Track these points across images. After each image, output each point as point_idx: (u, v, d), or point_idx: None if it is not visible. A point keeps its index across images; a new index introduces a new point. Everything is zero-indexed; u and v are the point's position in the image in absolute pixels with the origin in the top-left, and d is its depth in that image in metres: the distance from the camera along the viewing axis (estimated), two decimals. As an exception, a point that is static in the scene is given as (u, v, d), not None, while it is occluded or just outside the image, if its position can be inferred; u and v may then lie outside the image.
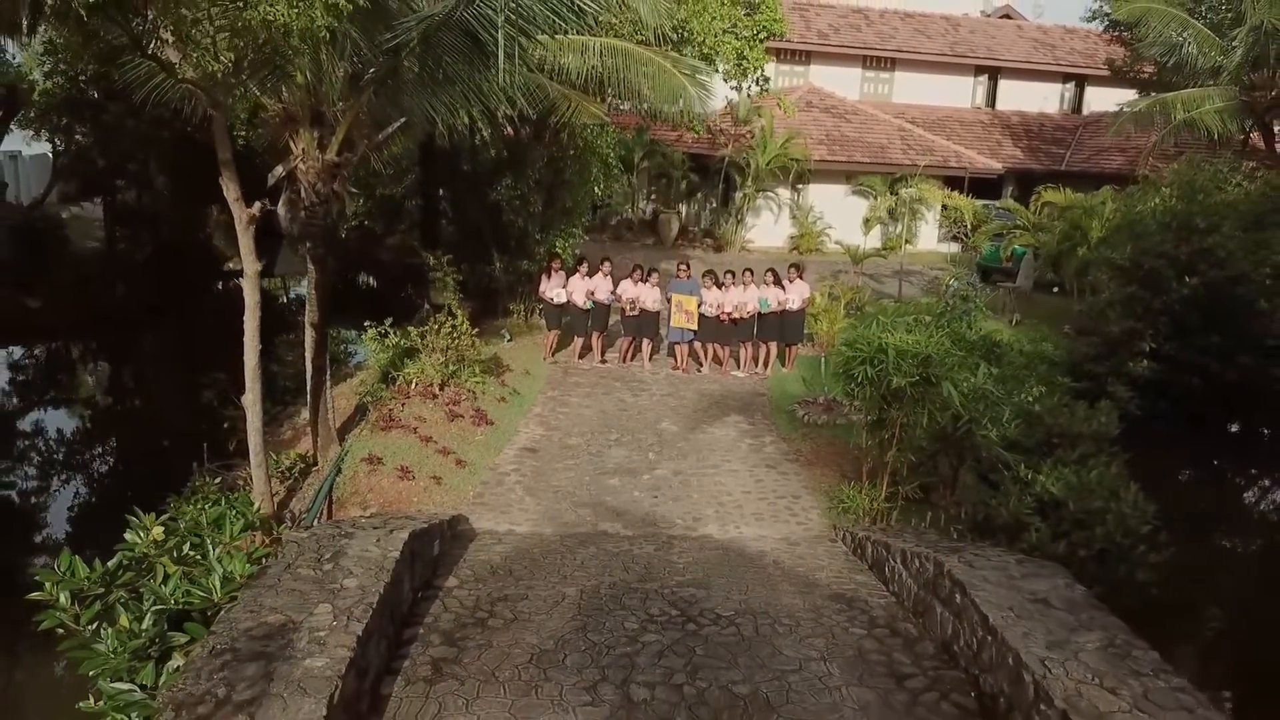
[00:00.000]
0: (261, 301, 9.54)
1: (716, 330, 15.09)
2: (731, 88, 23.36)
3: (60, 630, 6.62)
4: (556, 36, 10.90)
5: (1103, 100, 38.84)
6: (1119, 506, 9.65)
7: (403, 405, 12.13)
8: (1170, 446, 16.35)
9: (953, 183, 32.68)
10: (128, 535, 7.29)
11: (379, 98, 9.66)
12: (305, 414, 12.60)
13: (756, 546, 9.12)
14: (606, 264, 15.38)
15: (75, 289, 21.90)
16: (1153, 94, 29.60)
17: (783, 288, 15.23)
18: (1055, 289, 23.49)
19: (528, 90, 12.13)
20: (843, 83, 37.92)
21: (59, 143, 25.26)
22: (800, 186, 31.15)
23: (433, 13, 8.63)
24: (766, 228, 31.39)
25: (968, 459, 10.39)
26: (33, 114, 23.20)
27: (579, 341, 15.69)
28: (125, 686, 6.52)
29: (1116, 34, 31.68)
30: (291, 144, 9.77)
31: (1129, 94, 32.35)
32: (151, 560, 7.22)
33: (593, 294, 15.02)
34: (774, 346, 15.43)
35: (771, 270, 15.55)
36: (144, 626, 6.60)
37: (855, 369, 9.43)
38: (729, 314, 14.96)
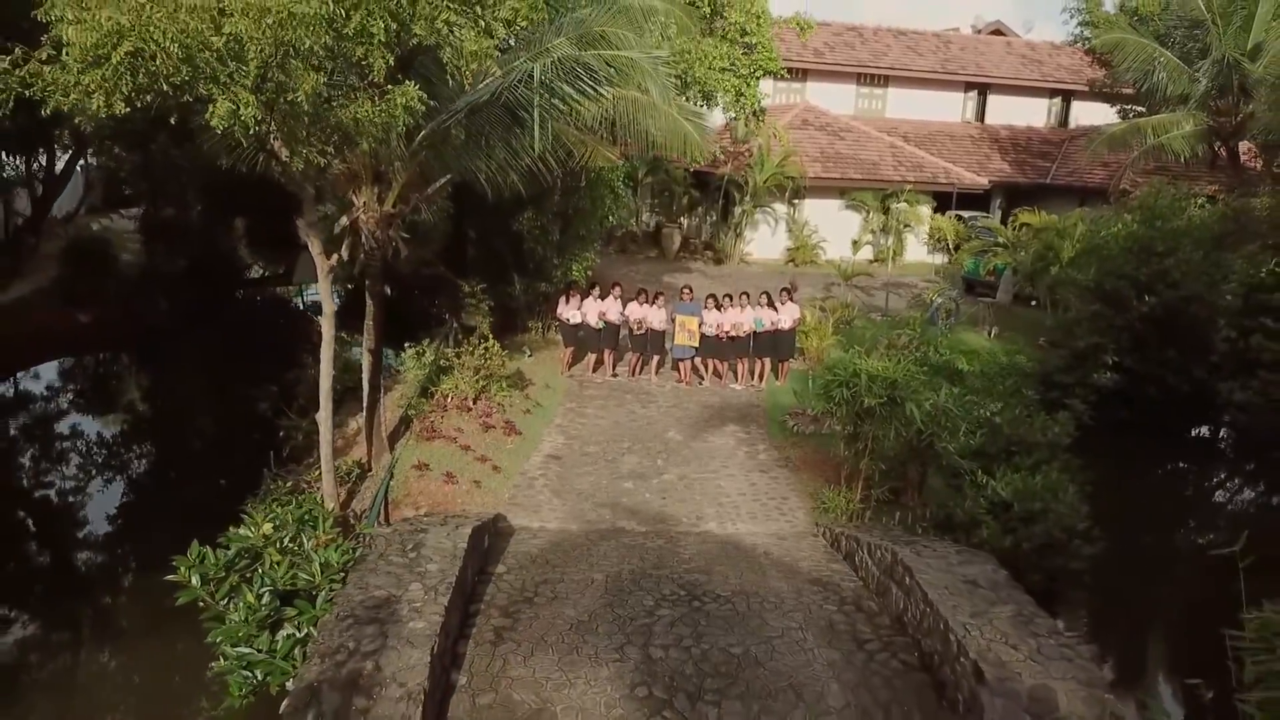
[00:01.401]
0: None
1: (716, 347, 16.82)
2: (730, 117, 25.01)
3: (201, 604, 8.37)
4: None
5: (1089, 114, 40.61)
6: (1058, 507, 11.39)
7: (442, 417, 13.87)
8: (1134, 451, 18.09)
9: (941, 197, 34.50)
10: (242, 530, 9.02)
11: (430, 159, 11.38)
12: (353, 423, 14.36)
13: (750, 541, 10.86)
14: (617, 288, 17.11)
15: (121, 303, 23.62)
16: (1130, 111, 31.40)
17: (775, 309, 16.95)
18: (1033, 302, 25.19)
19: (551, 139, 13.84)
20: (838, 98, 39.62)
21: (98, 163, 26.96)
22: (796, 201, 32.82)
23: (477, 96, 10.34)
24: (764, 241, 33.09)
25: (932, 466, 12.10)
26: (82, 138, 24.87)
27: (592, 357, 17.41)
28: (247, 650, 8.27)
29: (1097, 57, 33.40)
30: (354, 197, 11.49)
31: (1112, 109, 34.13)
32: (261, 550, 8.95)
33: (605, 315, 16.75)
34: (768, 362, 17.15)
35: (765, 293, 17.25)
36: (262, 603, 8.34)
37: (834, 390, 11.16)
38: (727, 332, 16.69)
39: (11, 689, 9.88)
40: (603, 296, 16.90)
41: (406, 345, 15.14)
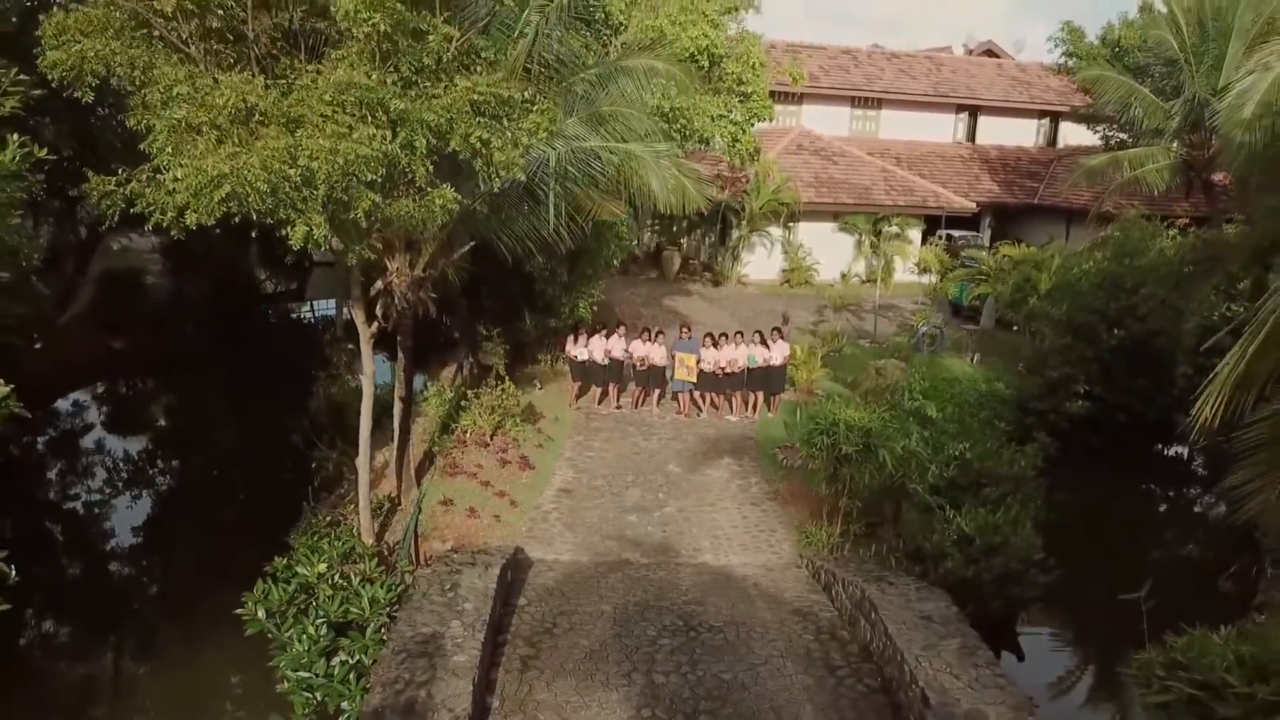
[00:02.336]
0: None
1: (713, 381, 18.21)
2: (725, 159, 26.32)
3: (269, 635, 9.78)
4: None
5: (1076, 134, 41.92)
6: (1016, 540, 12.80)
7: (463, 453, 15.27)
8: (1103, 476, 19.50)
9: (933, 218, 35.91)
10: (299, 568, 10.42)
11: (457, 229, 12.76)
12: (379, 455, 15.72)
13: (741, 572, 12.25)
14: (621, 327, 18.52)
15: (151, 328, 25.02)
16: (1113, 137, 32.65)
17: (767, 346, 18.33)
18: (1014, 327, 26.55)
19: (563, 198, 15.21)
20: (833, 120, 41.01)
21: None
22: (791, 224, 34.18)
23: (502, 183, 11.71)
24: (760, 262, 34.44)
25: (905, 502, 13.49)
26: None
27: (597, 389, 18.79)
28: (307, 675, 9.66)
29: (1081, 85, 34.72)
30: (388, 263, 12.87)
31: (1095, 135, 35.42)
32: (315, 586, 10.35)
33: (610, 352, 18.14)
34: (760, 395, 18.54)
35: (759, 332, 18.63)
36: (320, 634, 9.74)
37: (815, 438, 12.54)
38: (723, 368, 18.08)
39: (98, 704, 11.30)
40: (609, 335, 18.29)
41: (428, 383, 16.52)
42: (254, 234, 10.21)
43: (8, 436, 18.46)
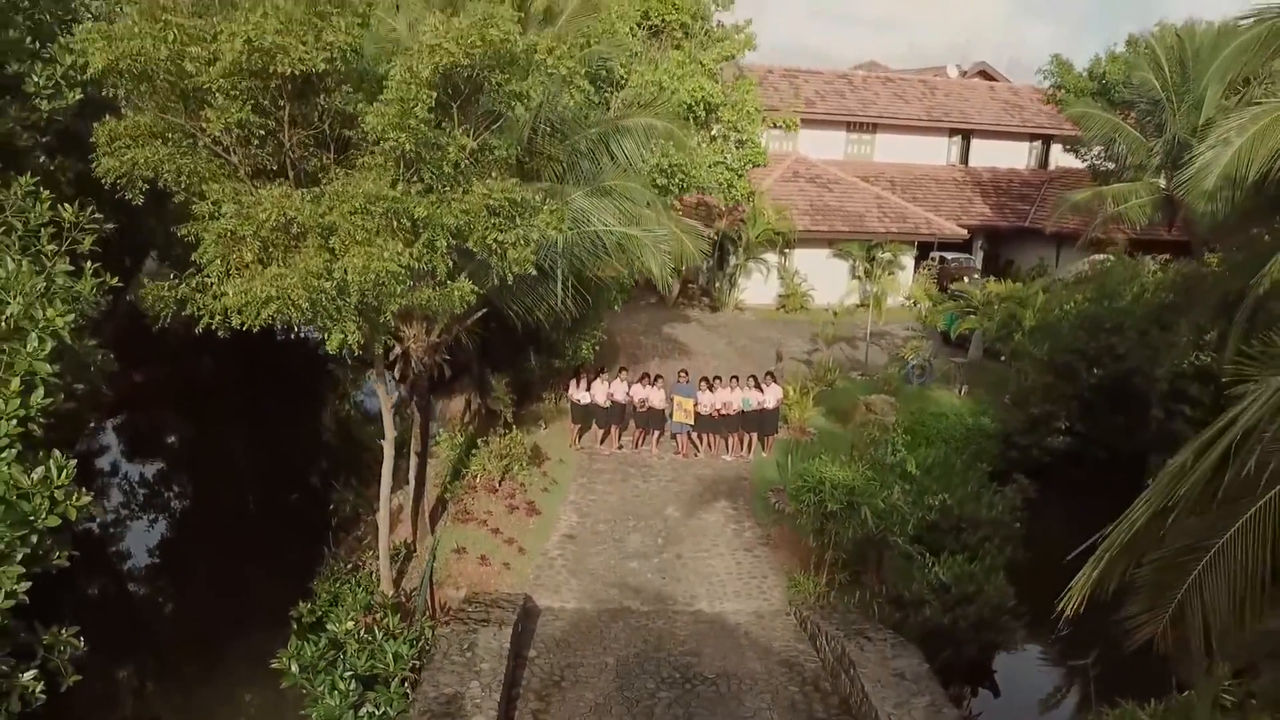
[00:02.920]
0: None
1: (709, 423, 19.16)
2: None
3: (303, 689, 10.76)
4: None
5: (1067, 156, 42.82)
6: (989, 588, 13.79)
7: (473, 499, 16.23)
8: (1082, 512, 20.38)
9: (925, 244, 36.92)
10: (329, 625, 11.40)
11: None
12: (395, 498, 16.68)
13: (734, 619, 13.23)
14: (623, 372, 19.49)
15: (170, 362, 25.95)
16: (1095, 162, 33.48)
17: (761, 390, 19.29)
18: (1001, 358, 27.51)
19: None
20: (828, 145, 41.96)
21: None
22: (787, 250, 35.15)
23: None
24: (757, 288, 35.41)
25: (886, 552, 14.46)
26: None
27: (599, 430, 19.74)
28: (337, 725, 10.63)
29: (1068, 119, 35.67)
30: (405, 330, 13.83)
31: (1083, 163, 36.32)
32: (343, 642, 11.32)
33: (612, 395, 19.10)
34: (754, 436, 19.49)
35: (753, 376, 19.61)
36: (349, 688, 10.72)
37: (803, 495, 13.51)
38: (719, 410, 19.03)
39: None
40: (610, 378, 19.25)
41: (440, 431, 17.49)
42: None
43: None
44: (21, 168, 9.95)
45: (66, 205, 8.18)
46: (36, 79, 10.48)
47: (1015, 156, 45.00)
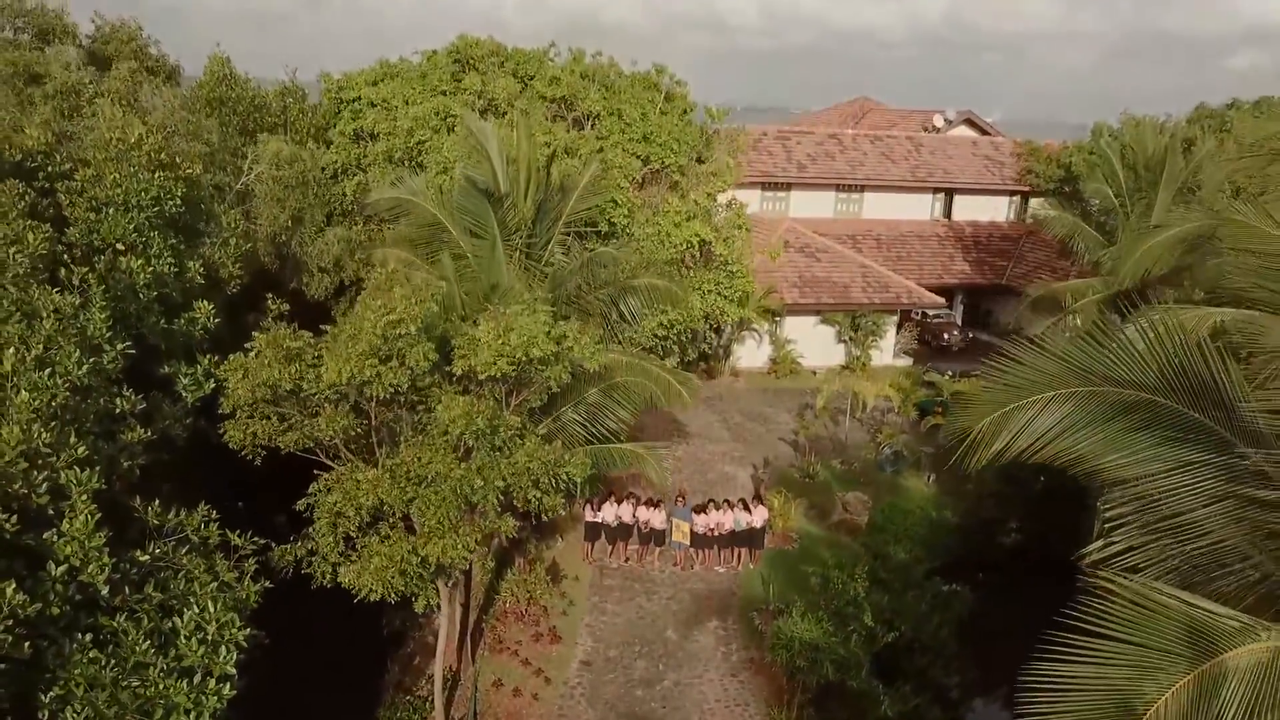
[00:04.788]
0: None
1: (705, 541, 22.33)
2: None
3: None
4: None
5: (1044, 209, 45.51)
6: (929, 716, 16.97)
7: (504, 627, 19.41)
8: (1032, 607, 23.59)
9: (905, 315, 39.95)
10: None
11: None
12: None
13: (720, 751, 16.44)
14: (632, 496, 22.62)
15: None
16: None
17: (749, 511, 22.44)
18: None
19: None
20: (819, 205, 44.91)
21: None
22: (778, 319, 38.14)
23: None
24: (750, 353, 38.47)
25: (848, 686, 17.63)
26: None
27: (608, 544, 22.88)
28: None
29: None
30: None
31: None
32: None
33: (620, 517, 22.24)
34: (744, 551, 22.66)
35: (742, 499, 22.76)
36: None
37: (776, 651, 16.67)
38: (712, 530, 22.19)
39: None
40: (618, 501, 22.37)
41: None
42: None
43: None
44: (172, 450, 12.99)
45: (237, 535, 11.16)
46: (184, 379, 13.44)
47: (996, 210, 47.81)
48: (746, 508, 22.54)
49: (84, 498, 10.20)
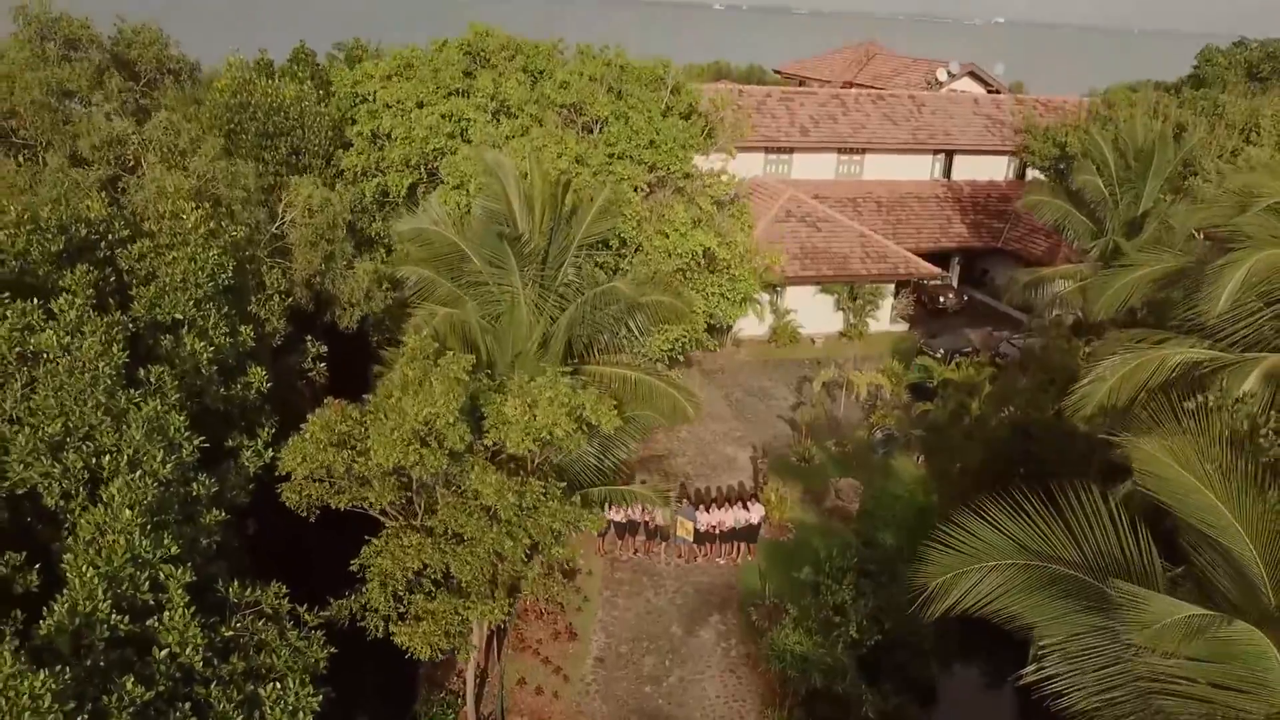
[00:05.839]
0: None
1: (707, 537, 24.32)
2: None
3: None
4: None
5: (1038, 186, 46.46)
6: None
7: (525, 625, 21.51)
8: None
9: (902, 283, 41.29)
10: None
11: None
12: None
13: (720, 747, 18.66)
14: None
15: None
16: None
17: (747, 509, 24.37)
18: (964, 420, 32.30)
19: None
20: (821, 167, 45.91)
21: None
22: (778, 290, 39.53)
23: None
24: (751, 323, 39.89)
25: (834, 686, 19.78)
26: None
27: (617, 538, 24.86)
28: None
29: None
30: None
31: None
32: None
33: (628, 514, 24.18)
34: (742, 545, 24.67)
35: (740, 498, 24.66)
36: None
37: (771, 662, 18.74)
38: (713, 526, 24.16)
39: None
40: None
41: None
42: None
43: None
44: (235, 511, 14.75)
45: (304, 609, 12.99)
46: (247, 450, 15.09)
47: (995, 169, 48.61)
48: (745, 506, 24.45)
49: (180, 591, 12.01)
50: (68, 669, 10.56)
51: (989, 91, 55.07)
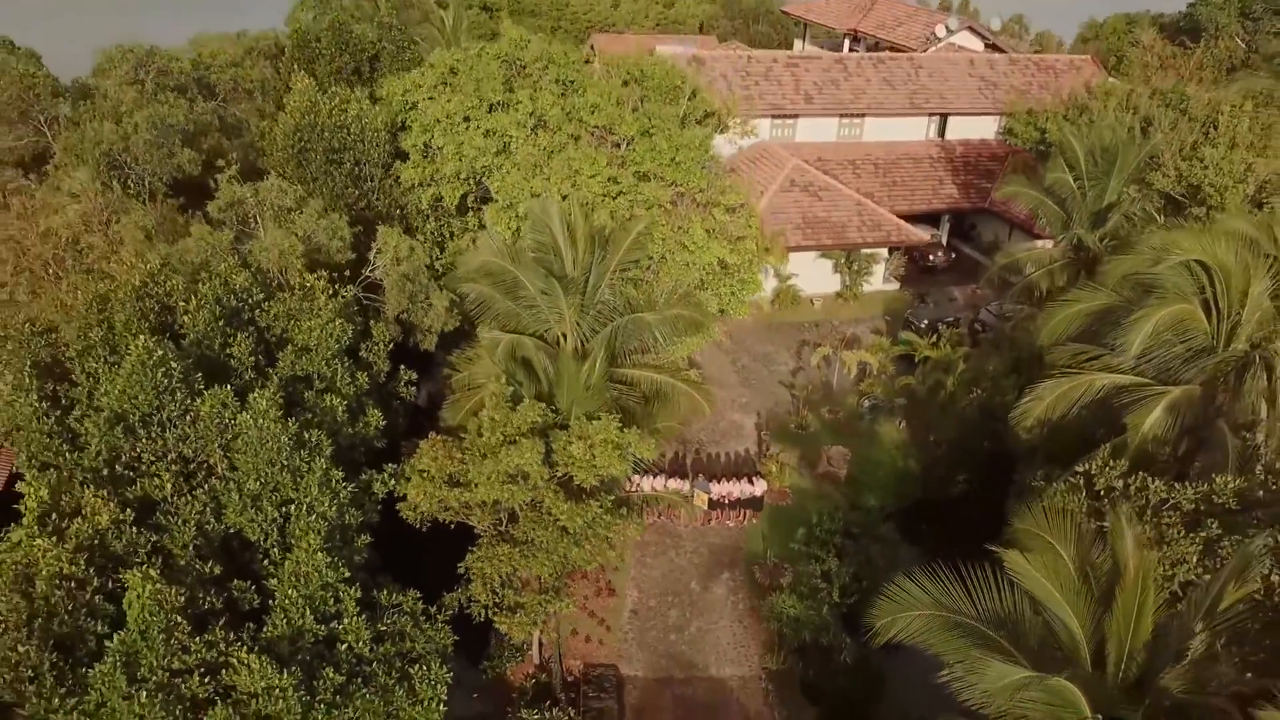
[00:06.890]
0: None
1: (719, 504, 29.39)
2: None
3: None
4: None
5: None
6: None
7: (574, 583, 26.65)
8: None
9: (894, 248, 45.35)
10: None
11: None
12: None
13: (732, 684, 24.03)
14: (662, 471, 29.46)
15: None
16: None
17: (752, 483, 29.38)
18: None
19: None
20: (823, 131, 49.36)
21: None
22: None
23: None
24: (757, 286, 44.19)
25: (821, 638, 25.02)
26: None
27: (646, 502, 29.89)
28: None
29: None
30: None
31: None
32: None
33: (655, 486, 29.15)
34: (748, 511, 29.75)
35: (746, 473, 29.62)
36: None
37: (769, 621, 23.94)
38: (724, 496, 29.21)
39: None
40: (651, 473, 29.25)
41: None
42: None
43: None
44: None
45: (435, 609, 17.95)
46: (377, 482, 19.81)
47: (986, 129, 51.93)
48: (750, 480, 29.47)
49: (353, 604, 16.97)
50: (296, 668, 15.59)
51: (986, 46, 57.73)
